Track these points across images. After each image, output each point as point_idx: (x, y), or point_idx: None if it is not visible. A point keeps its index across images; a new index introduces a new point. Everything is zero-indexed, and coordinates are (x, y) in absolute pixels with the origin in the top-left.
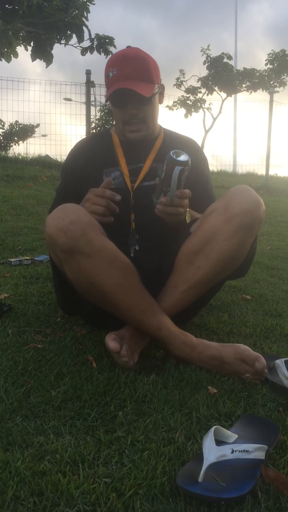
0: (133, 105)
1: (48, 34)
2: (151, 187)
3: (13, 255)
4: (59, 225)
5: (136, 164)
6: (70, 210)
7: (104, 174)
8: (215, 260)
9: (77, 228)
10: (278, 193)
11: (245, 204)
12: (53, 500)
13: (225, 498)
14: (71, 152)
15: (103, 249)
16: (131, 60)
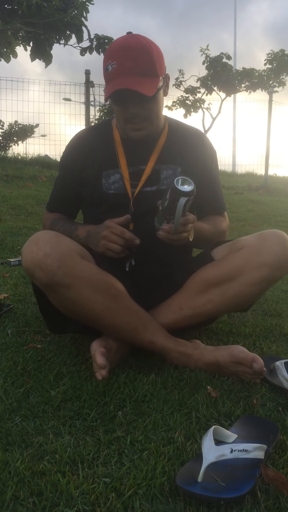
0: (135, 104)
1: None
2: (153, 193)
3: (13, 255)
4: (34, 260)
5: (138, 166)
6: (44, 240)
7: (103, 177)
8: (229, 300)
9: (53, 261)
10: (278, 193)
11: (280, 257)
12: (52, 500)
13: (225, 498)
14: (69, 147)
15: (83, 275)
16: (132, 52)
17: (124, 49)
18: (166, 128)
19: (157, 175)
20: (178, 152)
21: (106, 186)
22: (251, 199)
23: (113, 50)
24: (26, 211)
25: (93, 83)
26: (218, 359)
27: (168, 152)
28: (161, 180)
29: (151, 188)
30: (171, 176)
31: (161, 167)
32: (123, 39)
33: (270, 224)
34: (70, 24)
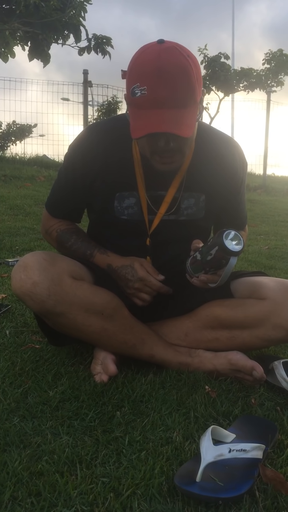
0: (168, 140)
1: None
2: (170, 223)
3: (11, 255)
4: (23, 289)
5: (157, 191)
6: (31, 267)
7: (116, 199)
8: (235, 345)
9: (41, 290)
10: (276, 192)
11: None
12: (50, 500)
13: (223, 498)
14: (80, 150)
15: (75, 300)
16: (168, 78)
17: (158, 73)
18: (193, 144)
19: (177, 203)
20: (204, 175)
21: (118, 210)
22: (250, 199)
23: (143, 72)
24: (24, 211)
25: (91, 82)
26: (217, 367)
27: (192, 177)
28: (181, 210)
29: (169, 218)
30: (193, 207)
31: (182, 195)
32: (155, 55)
33: (268, 223)
34: (68, 24)
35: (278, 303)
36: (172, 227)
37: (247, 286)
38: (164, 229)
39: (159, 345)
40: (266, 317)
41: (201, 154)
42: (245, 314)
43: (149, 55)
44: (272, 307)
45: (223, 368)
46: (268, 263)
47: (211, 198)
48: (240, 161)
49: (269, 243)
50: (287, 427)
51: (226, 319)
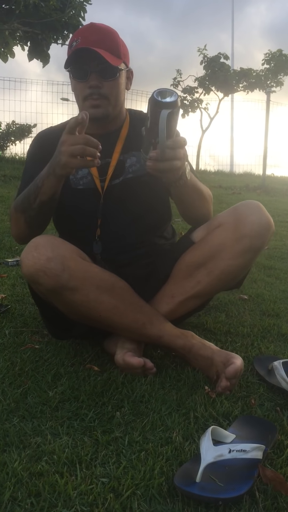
0: (96, 76)
1: (44, 34)
2: (119, 185)
3: (10, 256)
4: (37, 265)
5: (104, 159)
6: (43, 245)
7: None
8: (216, 278)
9: (56, 265)
10: (275, 193)
11: (256, 226)
12: (50, 501)
13: (223, 498)
14: (37, 139)
15: (87, 276)
16: (97, 29)
17: (89, 27)
18: (128, 118)
19: (122, 165)
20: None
21: (74, 181)
22: (249, 199)
23: (79, 30)
24: None
25: None
26: (214, 356)
27: (131, 141)
28: (126, 169)
29: (118, 180)
30: (136, 164)
31: (125, 156)
32: (88, 24)
33: None
34: (67, 24)
35: (232, 220)
36: (122, 188)
37: (203, 228)
38: (115, 192)
39: (166, 326)
40: (226, 236)
41: (137, 126)
42: (210, 245)
43: (85, 25)
44: (228, 226)
45: (219, 360)
46: (267, 263)
47: None
48: None
49: (269, 243)
50: (287, 428)
51: (197, 259)
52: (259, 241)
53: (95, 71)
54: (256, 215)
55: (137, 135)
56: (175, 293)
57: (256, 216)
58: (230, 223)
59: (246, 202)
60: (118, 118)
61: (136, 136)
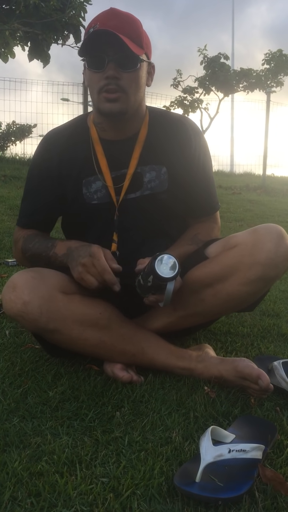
0: (114, 66)
1: (45, 34)
2: (136, 200)
3: (10, 256)
4: (14, 310)
5: (120, 170)
6: (20, 287)
7: (83, 186)
8: (222, 300)
9: (33, 308)
10: (275, 193)
11: (273, 254)
12: (50, 501)
13: (223, 498)
14: (42, 149)
15: (67, 315)
16: (119, 14)
17: (110, 12)
18: (147, 118)
19: (140, 178)
20: (162, 148)
21: (88, 196)
22: (249, 199)
23: (97, 16)
24: None
25: None
26: (222, 373)
27: (150, 149)
28: (144, 184)
29: (135, 195)
30: (155, 179)
31: (143, 169)
32: (108, 9)
33: None
34: (68, 24)
35: (248, 243)
36: (138, 204)
37: (219, 244)
38: (131, 207)
39: (160, 353)
40: (240, 260)
41: (156, 128)
42: (221, 266)
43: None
44: (243, 248)
45: (229, 374)
46: None
47: (173, 171)
48: (195, 139)
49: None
50: (287, 428)
51: (206, 277)
52: (273, 272)
53: (113, 60)
54: (274, 243)
55: (157, 140)
56: (178, 306)
57: (274, 243)
58: (246, 246)
59: (267, 226)
60: (136, 118)
61: (156, 140)
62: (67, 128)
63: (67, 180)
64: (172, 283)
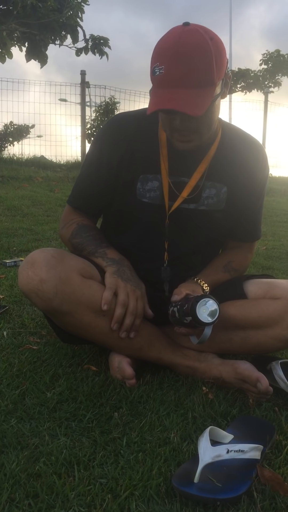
0: (183, 118)
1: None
2: (190, 212)
3: (8, 256)
4: (30, 286)
5: (180, 177)
6: (39, 263)
7: (139, 181)
8: (250, 346)
9: (49, 288)
10: (273, 193)
11: None
12: (48, 502)
13: (221, 499)
14: (107, 131)
15: (83, 300)
16: (184, 57)
17: (175, 53)
18: (219, 136)
19: (199, 192)
20: (228, 167)
21: (141, 192)
22: None
23: (163, 50)
24: (21, 212)
25: (88, 83)
26: (222, 374)
27: (216, 167)
28: (202, 199)
29: (189, 206)
30: (214, 197)
31: (205, 184)
32: (176, 36)
33: (266, 224)
34: (65, 24)
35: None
36: (191, 215)
37: (261, 286)
38: (183, 216)
39: (167, 348)
40: (280, 316)
41: (227, 147)
42: (259, 314)
43: (171, 36)
44: (286, 306)
45: (229, 376)
46: (266, 263)
47: (232, 192)
48: (262, 165)
49: (267, 243)
50: (285, 428)
51: (240, 319)
52: None
53: (180, 114)
54: None
55: (225, 159)
56: None
57: None
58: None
59: None
60: (210, 138)
61: (224, 159)
62: (138, 118)
63: (126, 170)
64: (210, 327)
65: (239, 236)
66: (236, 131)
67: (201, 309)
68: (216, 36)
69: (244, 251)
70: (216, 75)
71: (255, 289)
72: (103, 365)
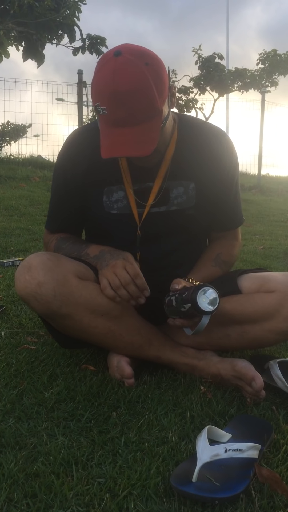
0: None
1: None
2: (161, 215)
3: (6, 256)
4: (28, 290)
5: (145, 183)
6: (36, 267)
7: (104, 194)
8: (248, 341)
9: (47, 291)
10: (270, 192)
11: None
12: (46, 502)
13: (219, 498)
14: (67, 149)
15: (81, 301)
16: (122, 101)
17: (113, 93)
18: (175, 135)
19: (166, 194)
20: (191, 163)
21: (108, 204)
22: (244, 198)
23: (100, 91)
24: (19, 212)
25: (86, 83)
26: (221, 372)
27: (178, 165)
28: (171, 200)
29: (159, 209)
30: (182, 195)
31: (170, 184)
32: (110, 73)
33: (263, 223)
34: (62, 24)
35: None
36: (163, 219)
37: (255, 281)
38: (155, 221)
39: (166, 346)
40: (276, 309)
41: (188, 143)
42: (255, 308)
43: (105, 74)
44: (282, 299)
45: (226, 373)
46: (263, 263)
47: (201, 187)
48: (228, 152)
49: (264, 243)
50: (283, 427)
51: (236, 314)
52: None
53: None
54: None
55: (186, 155)
56: (201, 335)
57: None
58: (285, 297)
59: None
60: (167, 147)
61: (185, 156)
62: (93, 131)
63: (91, 186)
64: (208, 317)
65: (221, 226)
66: (194, 124)
67: (201, 297)
68: (151, 58)
69: (230, 239)
70: (159, 101)
71: (249, 284)
72: (101, 364)
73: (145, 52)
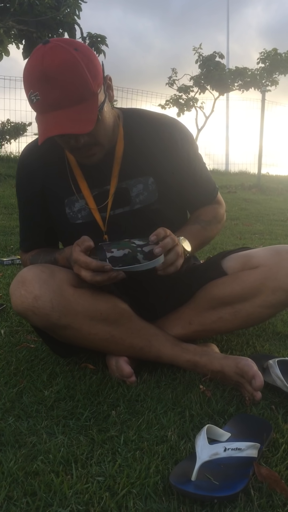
0: (76, 138)
1: (39, 32)
2: (126, 214)
3: (5, 255)
4: (25, 305)
5: (103, 187)
6: (30, 281)
7: (66, 206)
8: (241, 320)
9: (44, 303)
10: (270, 191)
11: None
12: (46, 500)
13: (218, 497)
14: (21, 168)
15: (79, 310)
16: (53, 82)
17: (43, 75)
18: (121, 132)
19: (127, 194)
20: (144, 158)
21: (71, 215)
22: (244, 197)
23: (31, 76)
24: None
25: None
26: (224, 368)
27: (131, 163)
28: (132, 199)
29: (124, 209)
30: (143, 192)
31: (129, 183)
32: (39, 58)
33: (263, 223)
34: (62, 22)
35: (272, 267)
36: (129, 219)
37: (238, 260)
38: (121, 223)
39: (166, 345)
40: (262, 283)
41: (137, 137)
42: (242, 286)
43: (34, 60)
44: (266, 272)
45: (230, 370)
46: None
47: (161, 179)
48: (178, 132)
49: (264, 242)
50: (282, 426)
51: (225, 296)
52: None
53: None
54: None
55: (137, 151)
56: (194, 320)
57: None
58: (270, 269)
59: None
60: (112, 139)
61: (136, 152)
62: (40, 147)
63: (51, 200)
64: (152, 266)
65: (198, 203)
66: (138, 117)
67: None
68: (81, 45)
69: (211, 206)
70: (94, 84)
71: (233, 264)
72: (100, 363)
73: (75, 41)
